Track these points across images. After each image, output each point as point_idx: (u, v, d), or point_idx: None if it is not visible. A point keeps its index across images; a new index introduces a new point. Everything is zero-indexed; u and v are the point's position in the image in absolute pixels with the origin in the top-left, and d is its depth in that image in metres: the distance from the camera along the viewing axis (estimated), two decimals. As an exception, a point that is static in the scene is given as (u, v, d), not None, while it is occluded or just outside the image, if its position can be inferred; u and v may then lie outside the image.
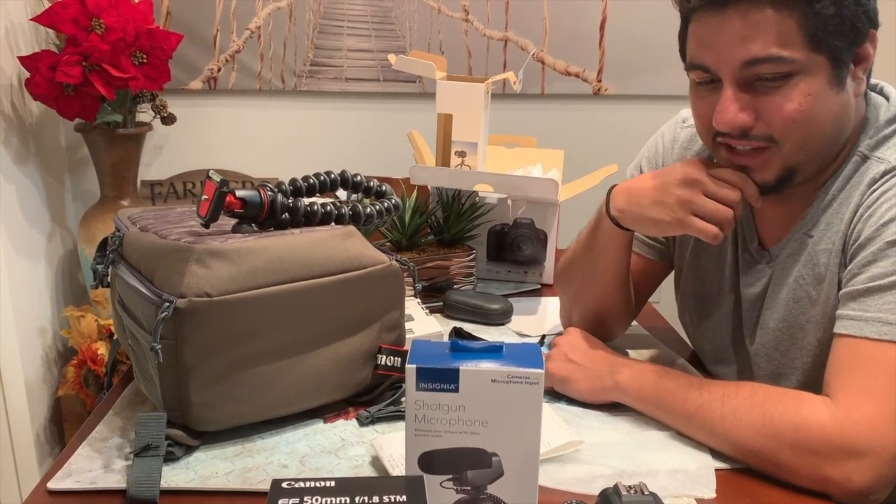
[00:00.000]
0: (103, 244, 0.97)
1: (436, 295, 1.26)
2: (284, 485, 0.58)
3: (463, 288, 1.29)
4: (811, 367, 0.90)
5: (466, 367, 0.62)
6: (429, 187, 1.37)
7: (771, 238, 0.96)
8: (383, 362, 0.93)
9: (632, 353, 1.10)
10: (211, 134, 1.95)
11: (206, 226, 0.90)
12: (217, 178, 0.87)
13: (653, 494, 0.60)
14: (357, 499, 0.57)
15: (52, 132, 1.87)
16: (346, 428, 0.89)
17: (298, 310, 0.86)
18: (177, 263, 0.82)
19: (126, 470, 0.79)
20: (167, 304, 0.79)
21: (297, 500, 0.56)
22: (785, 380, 0.94)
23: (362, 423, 0.90)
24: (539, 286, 1.38)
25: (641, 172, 1.10)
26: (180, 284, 0.80)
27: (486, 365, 0.62)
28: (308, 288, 0.86)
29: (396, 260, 0.95)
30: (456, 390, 0.62)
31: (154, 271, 0.84)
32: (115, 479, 0.78)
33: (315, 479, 0.59)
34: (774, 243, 0.95)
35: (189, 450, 0.84)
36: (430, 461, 0.64)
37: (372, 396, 0.94)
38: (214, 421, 0.84)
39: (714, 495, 0.77)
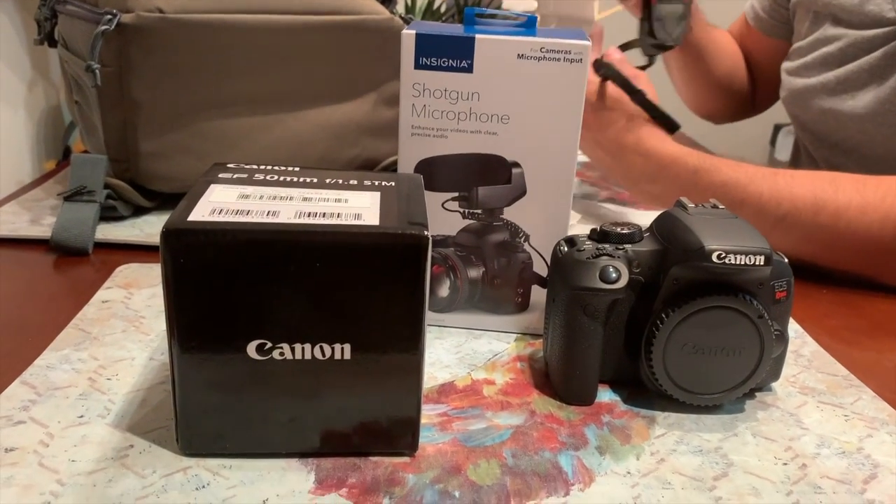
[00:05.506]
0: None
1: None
2: (230, 164, 0.43)
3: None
4: None
5: (486, 36, 0.46)
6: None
7: None
8: (380, 138, 0.77)
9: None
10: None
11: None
12: None
13: (725, 209, 0.44)
14: (328, 179, 0.41)
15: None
16: (331, 206, 0.74)
17: (274, 52, 0.69)
18: (125, -24, 0.66)
19: (57, 223, 0.64)
20: (108, 17, 0.63)
21: (244, 175, 0.41)
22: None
23: (351, 205, 0.75)
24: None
25: None
26: (127, -3, 0.64)
27: (513, 36, 0.46)
28: (286, 24, 0.69)
29: (401, 17, 0.78)
30: (469, 69, 0.46)
31: (99, -7, 0.68)
32: (41, 230, 0.64)
33: (273, 165, 0.44)
34: None
35: (139, 212, 0.69)
36: (430, 172, 0.48)
37: (364, 178, 0.78)
38: (168, 177, 0.68)
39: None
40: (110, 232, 0.64)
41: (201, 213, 0.35)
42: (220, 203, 0.36)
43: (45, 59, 1.85)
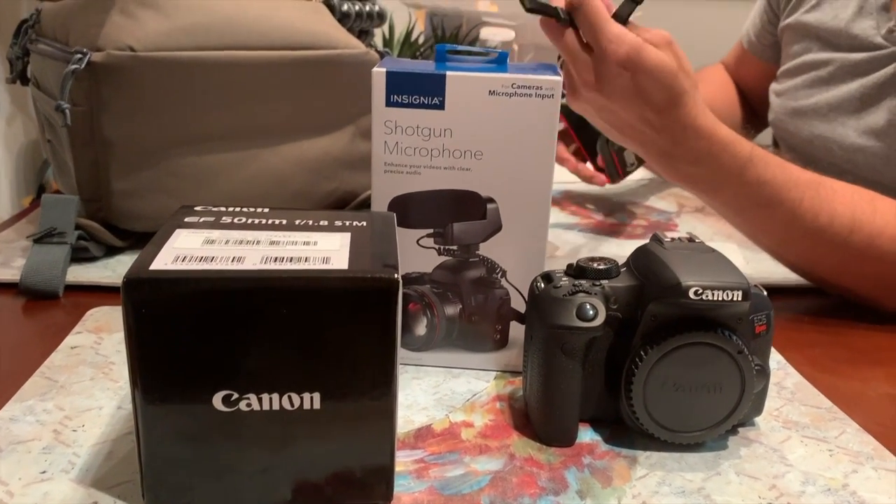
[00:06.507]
0: (20, 28, 0.80)
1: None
2: (198, 208, 0.42)
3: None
4: None
5: (457, 73, 0.45)
6: (422, 24, 1.19)
7: None
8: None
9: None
10: None
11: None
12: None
13: (702, 242, 0.44)
14: (298, 221, 0.40)
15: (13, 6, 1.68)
16: (308, 241, 0.73)
17: (248, 88, 0.69)
18: (96, 15, 0.65)
19: (27, 265, 0.63)
20: (79, 56, 0.62)
21: (210, 218, 0.40)
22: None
23: (329, 240, 0.74)
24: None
25: None
26: (98, 36, 0.63)
27: (484, 73, 0.46)
28: (262, 60, 0.68)
29: (377, 51, 0.78)
30: (440, 106, 0.46)
31: (69, 32, 0.67)
32: (10, 273, 0.62)
33: (247, 202, 0.43)
34: None
35: (112, 252, 0.68)
36: (405, 209, 0.48)
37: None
38: (141, 216, 0.67)
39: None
40: (82, 273, 0.63)
41: (164, 261, 0.34)
42: (184, 249, 0.35)
43: (23, 94, 1.84)
